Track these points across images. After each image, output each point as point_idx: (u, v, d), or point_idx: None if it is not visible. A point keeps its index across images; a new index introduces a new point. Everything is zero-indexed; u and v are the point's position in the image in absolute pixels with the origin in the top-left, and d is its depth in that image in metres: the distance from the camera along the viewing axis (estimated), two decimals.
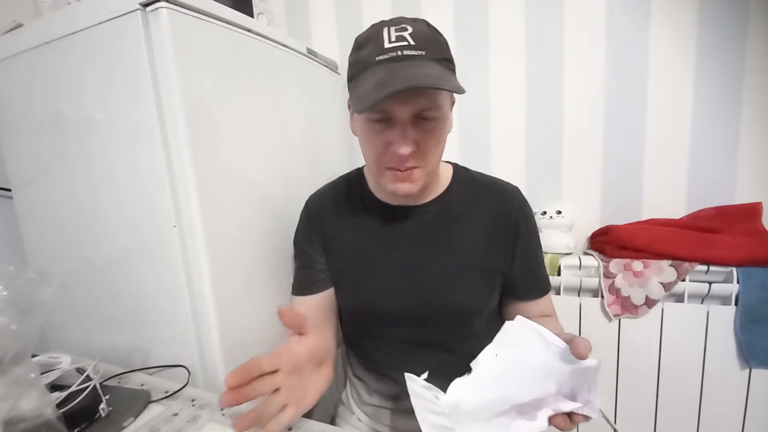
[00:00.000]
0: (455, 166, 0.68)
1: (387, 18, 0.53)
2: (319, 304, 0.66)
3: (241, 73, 0.73)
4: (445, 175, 0.65)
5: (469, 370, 0.46)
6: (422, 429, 0.40)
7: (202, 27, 0.65)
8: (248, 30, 0.75)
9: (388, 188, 0.56)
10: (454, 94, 0.56)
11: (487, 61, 1.09)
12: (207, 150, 0.65)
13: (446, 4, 1.10)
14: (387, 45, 0.49)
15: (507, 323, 0.46)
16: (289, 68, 0.88)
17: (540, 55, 1.05)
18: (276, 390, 0.42)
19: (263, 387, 0.41)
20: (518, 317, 0.46)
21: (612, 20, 0.97)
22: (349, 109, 0.60)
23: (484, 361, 0.45)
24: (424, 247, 0.62)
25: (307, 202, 0.71)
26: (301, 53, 0.92)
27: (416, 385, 0.44)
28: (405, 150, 0.51)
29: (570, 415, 0.41)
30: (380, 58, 0.49)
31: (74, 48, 0.67)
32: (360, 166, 0.71)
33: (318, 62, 1.00)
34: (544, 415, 0.41)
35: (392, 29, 0.49)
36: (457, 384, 0.45)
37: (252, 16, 1.04)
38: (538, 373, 0.42)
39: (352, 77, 0.53)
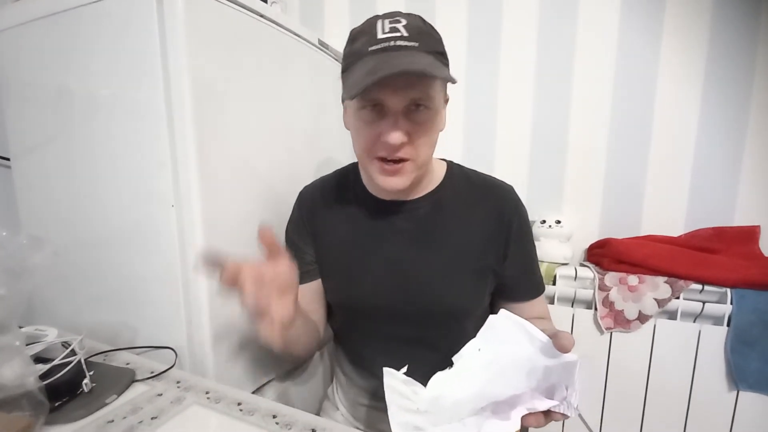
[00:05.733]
0: (449, 163, 0.67)
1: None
2: (304, 295, 0.65)
3: (251, 58, 0.73)
4: (439, 172, 0.65)
5: (451, 364, 0.45)
6: (392, 427, 0.39)
7: (216, 7, 0.65)
8: (261, 15, 0.74)
9: (377, 181, 0.55)
10: (448, 93, 0.57)
11: (497, 67, 1.09)
12: (211, 132, 0.64)
13: (461, 11, 1.10)
14: (380, 36, 0.49)
15: (491, 317, 0.45)
16: (299, 58, 0.88)
17: (550, 65, 1.05)
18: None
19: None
20: (502, 311, 0.45)
21: (623, 39, 0.98)
22: (342, 103, 0.59)
23: (467, 355, 0.45)
24: (415, 244, 0.61)
25: (300, 194, 0.71)
26: (312, 44, 0.92)
27: (394, 380, 0.43)
28: (396, 139, 0.50)
29: (547, 412, 0.39)
30: (373, 48, 0.49)
31: (86, 20, 0.66)
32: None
33: (328, 54, 1.00)
34: (517, 414, 0.39)
35: (386, 21, 0.50)
36: (438, 378, 0.44)
37: (266, 2, 1.03)
38: (520, 368, 0.41)
39: (345, 68, 0.53)
